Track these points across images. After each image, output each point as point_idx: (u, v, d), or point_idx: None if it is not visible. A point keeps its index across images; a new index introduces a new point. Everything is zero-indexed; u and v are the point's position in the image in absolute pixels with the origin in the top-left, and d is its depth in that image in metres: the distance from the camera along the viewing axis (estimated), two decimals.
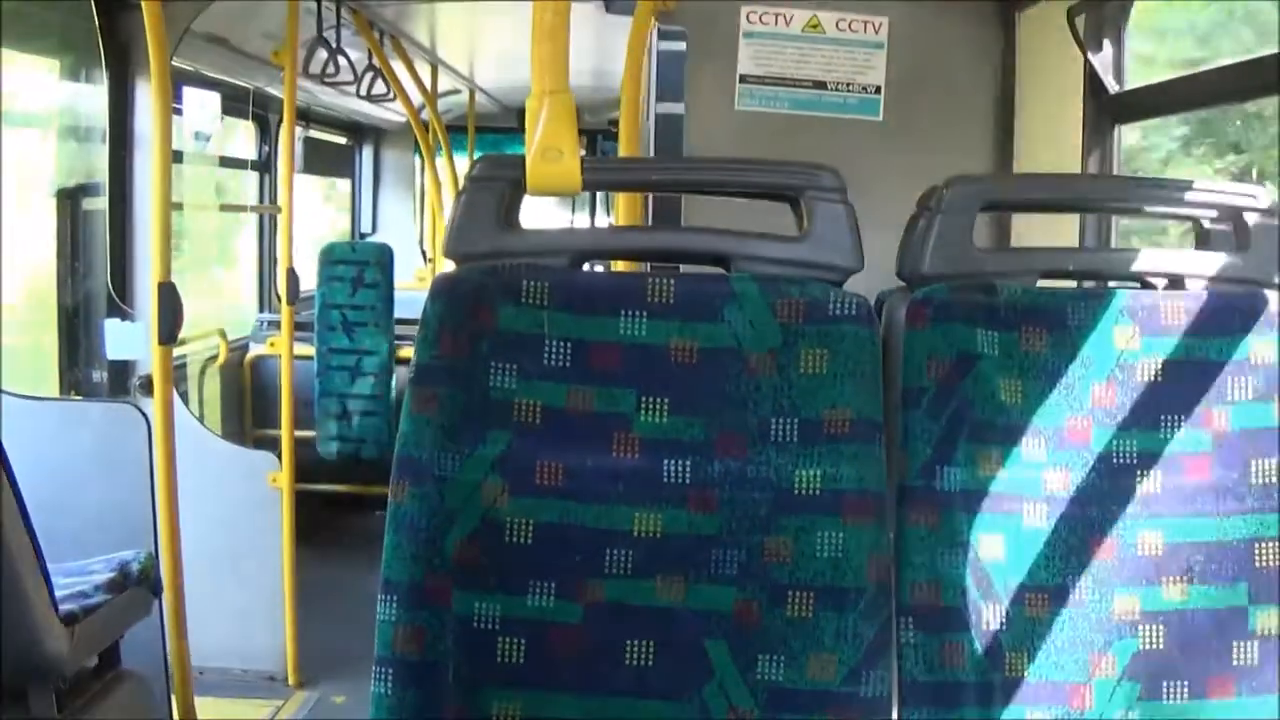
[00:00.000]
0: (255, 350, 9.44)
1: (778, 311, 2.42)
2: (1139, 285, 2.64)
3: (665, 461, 2.41)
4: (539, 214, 13.82)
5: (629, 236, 2.92)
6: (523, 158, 2.47)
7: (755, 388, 2.42)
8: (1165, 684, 2.50)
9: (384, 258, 9.61)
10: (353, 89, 8.56)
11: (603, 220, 14.37)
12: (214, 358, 8.68)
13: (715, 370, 2.42)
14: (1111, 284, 2.74)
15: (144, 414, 5.32)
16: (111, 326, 6.41)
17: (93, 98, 6.67)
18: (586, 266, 2.57)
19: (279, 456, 6.75)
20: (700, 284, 2.45)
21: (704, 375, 2.42)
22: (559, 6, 2.53)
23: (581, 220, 14.64)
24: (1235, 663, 2.51)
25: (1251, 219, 2.60)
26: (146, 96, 6.25)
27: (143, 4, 4.86)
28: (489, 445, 2.39)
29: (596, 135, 14.20)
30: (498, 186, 2.46)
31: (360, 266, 9.50)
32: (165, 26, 4.98)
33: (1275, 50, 3.26)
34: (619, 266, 3.68)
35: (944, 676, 2.44)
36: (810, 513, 2.40)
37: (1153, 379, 2.53)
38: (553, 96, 2.50)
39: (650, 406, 2.42)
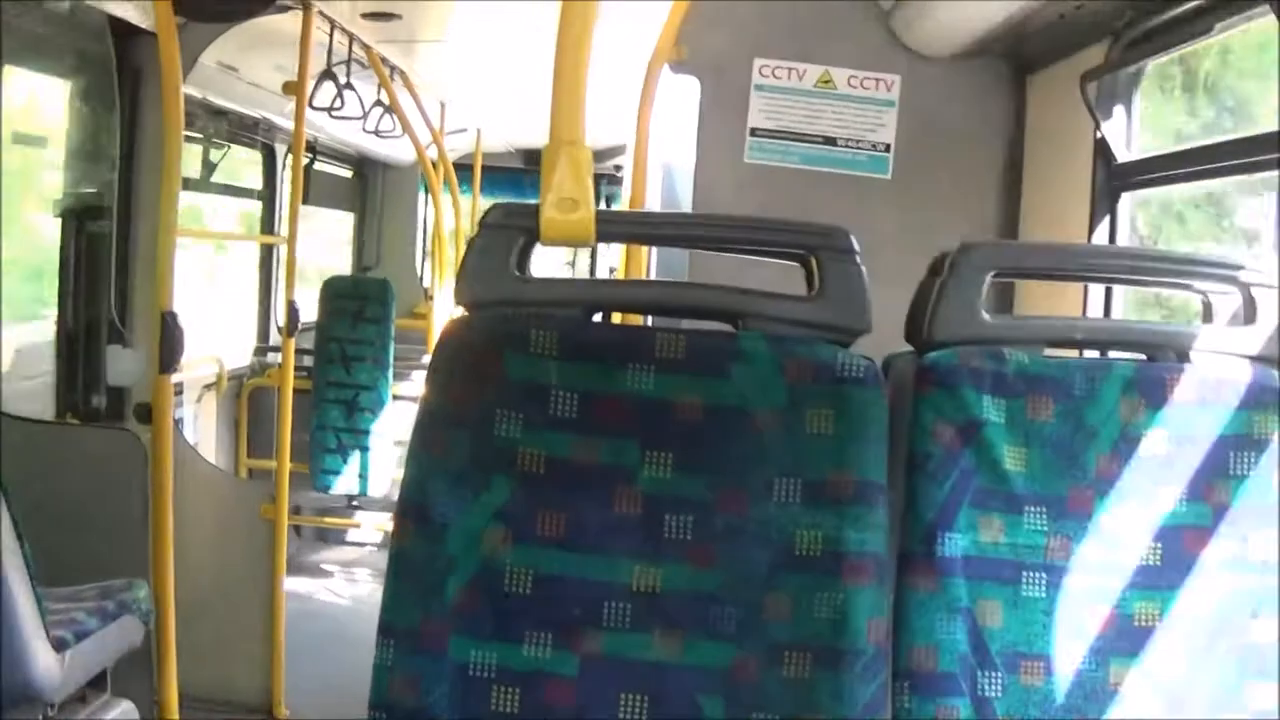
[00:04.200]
0: (253, 381, 9.44)
1: (786, 371, 2.42)
2: (1145, 357, 2.64)
3: (667, 516, 2.41)
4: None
5: (641, 290, 2.92)
6: (537, 207, 2.47)
7: (760, 446, 2.41)
8: None
9: (385, 294, 9.61)
10: (360, 124, 8.56)
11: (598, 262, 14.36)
12: (212, 386, 8.68)
13: (721, 427, 2.41)
14: (1117, 355, 2.75)
15: (140, 441, 5.32)
16: (113, 353, 6.40)
17: (104, 121, 6.67)
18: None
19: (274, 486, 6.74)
20: (709, 340, 2.45)
21: (709, 431, 2.41)
22: (580, 59, 2.54)
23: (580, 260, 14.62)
24: None
25: (1258, 294, 2.61)
26: (156, 122, 6.25)
27: (158, 33, 4.87)
28: (492, 492, 2.39)
29: (600, 179, 14.21)
30: (511, 235, 2.46)
31: (361, 301, 9.50)
32: (179, 54, 5.00)
33: None
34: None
35: None
36: (810, 573, 2.40)
37: (1156, 451, 2.53)
38: (570, 147, 2.50)
39: (654, 460, 2.41)
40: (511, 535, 2.39)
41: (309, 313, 8.76)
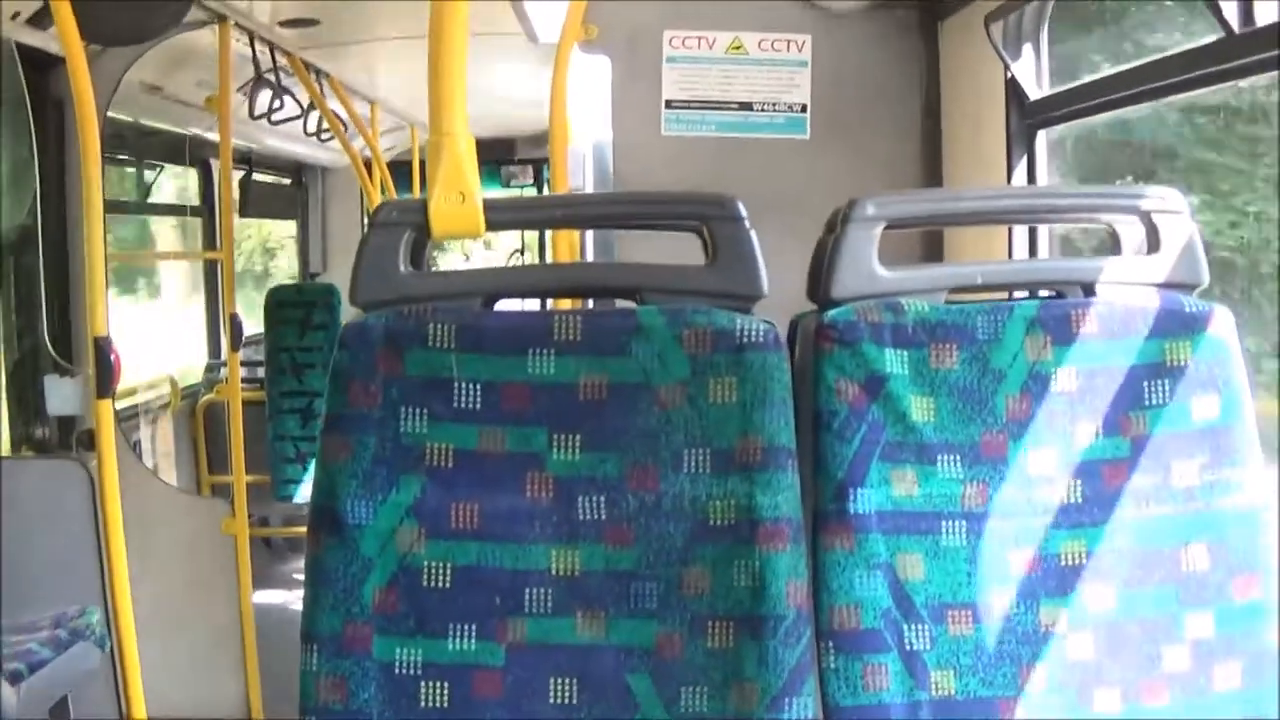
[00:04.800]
0: (207, 397, 9.42)
1: (685, 342, 2.41)
2: (1053, 295, 2.64)
3: (580, 498, 2.41)
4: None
5: (537, 274, 2.92)
6: (425, 202, 2.47)
7: (666, 420, 2.41)
8: (1097, 692, 2.49)
9: (330, 298, 9.60)
10: (297, 130, 8.54)
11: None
12: (166, 405, 8.66)
13: (625, 405, 2.41)
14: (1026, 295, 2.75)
15: (87, 469, 5.30)
16: (51, 382, 6.39)
17: (23, 152, 6.65)
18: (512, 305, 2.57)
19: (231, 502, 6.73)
20: (607, 319, 2.45)
21: (614, 410, 2.41)
22: (454, 47, 2.53)
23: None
24: (1167, 668, 2.50)
25: (1162, 221, 2.60)
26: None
27: (67, 57, 4.85)
28: (403, 491, 2.39)
29: (543, 165, 14.20)
30: (401, 231, 2.45)
31: (307, 308, 9.49)
32: (96, 79, 4.97)
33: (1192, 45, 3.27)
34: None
35: (869, 699, 2.44)
36: (726, 542, 2.40)
37: (1066, 388, 2.52)
38: (450, 139, 2.49)
39: (562, 444, 2.41)
40: (426, 531, 2.39)
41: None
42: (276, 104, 7.57)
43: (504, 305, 2.55)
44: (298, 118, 8.29)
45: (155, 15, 5.38)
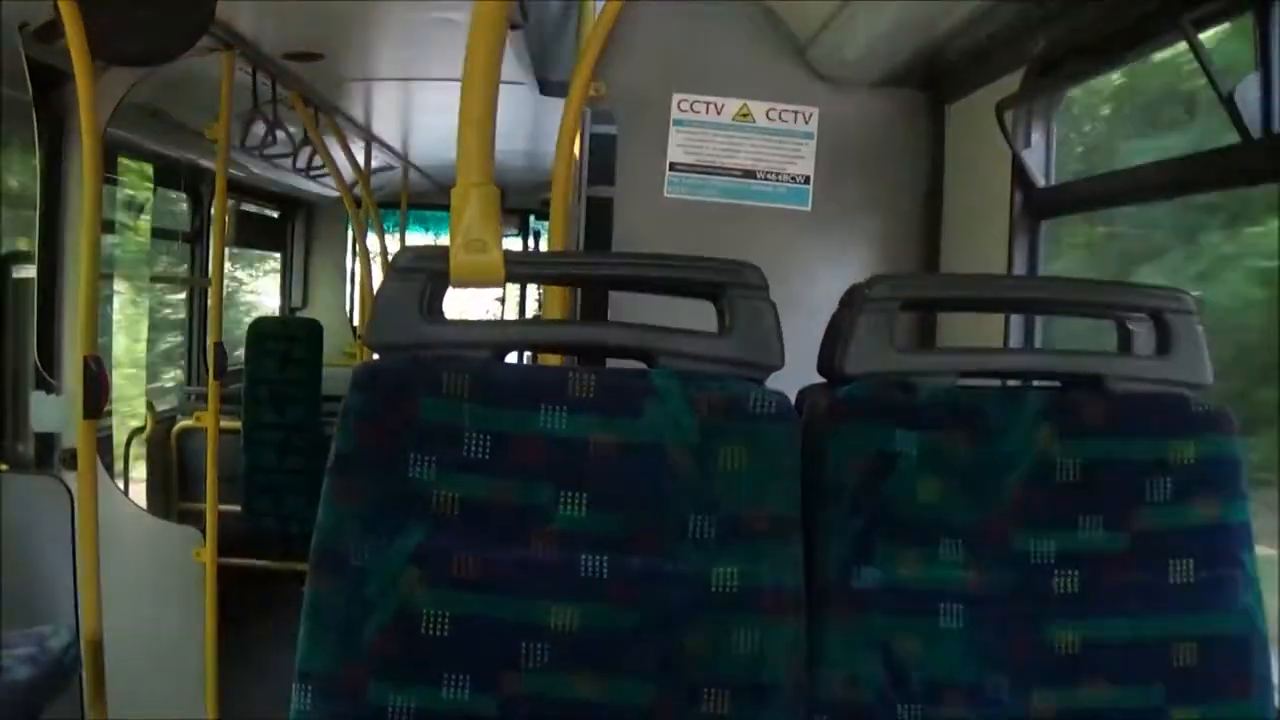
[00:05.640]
0: (183, 423, 9.40)
1: (698, 408, 2.42)
2: (1061, 385, 2.66)
3: (583, 556, 2.40)
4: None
5: (552, 330, 2.91)
6: (446, 249, 2.48)
7: (674, 484, 2.41)
8: None
9: (314, 334, 9.61)
10: (286, 163, 8.56)
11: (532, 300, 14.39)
12: (140, 429, 8.64)
13: (635, 466, 2.41)
14: (1034, 384, 2.77)
15: (67, 487, 5.29)
16: (37, 399, 6.38)
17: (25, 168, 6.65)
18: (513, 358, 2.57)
19: (204, 530, 6.71)
20: (621, 379, 2.45)
21: (623, 471, 2.41)
22: (486, 98, 2.54)
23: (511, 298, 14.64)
24: None
25: (1173, 320, 2.63)
26: (80, 168, 6.23)
27: (76, 75, 4.86)
28: (407, 536, 2.38)
29: (528, 215, 14.25)
30: (421, 278, 2.46)
31: (289, 342, 9.50)
32: (99, 98, 4.97)
33: (1210, 148, 3.29)
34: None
35: None
36: (727, 610, 2.40)
37: (1072, 479, 2.54)
38: (478, 189, 2.51)
39: (569, 501, 2.41)
40: (427, 578, 2.38)
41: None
42: (269, 139, 7.59)
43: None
44: (288, 155, 8.31)
45: (168, 38, 5.38)
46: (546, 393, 2.42)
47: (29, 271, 6.69)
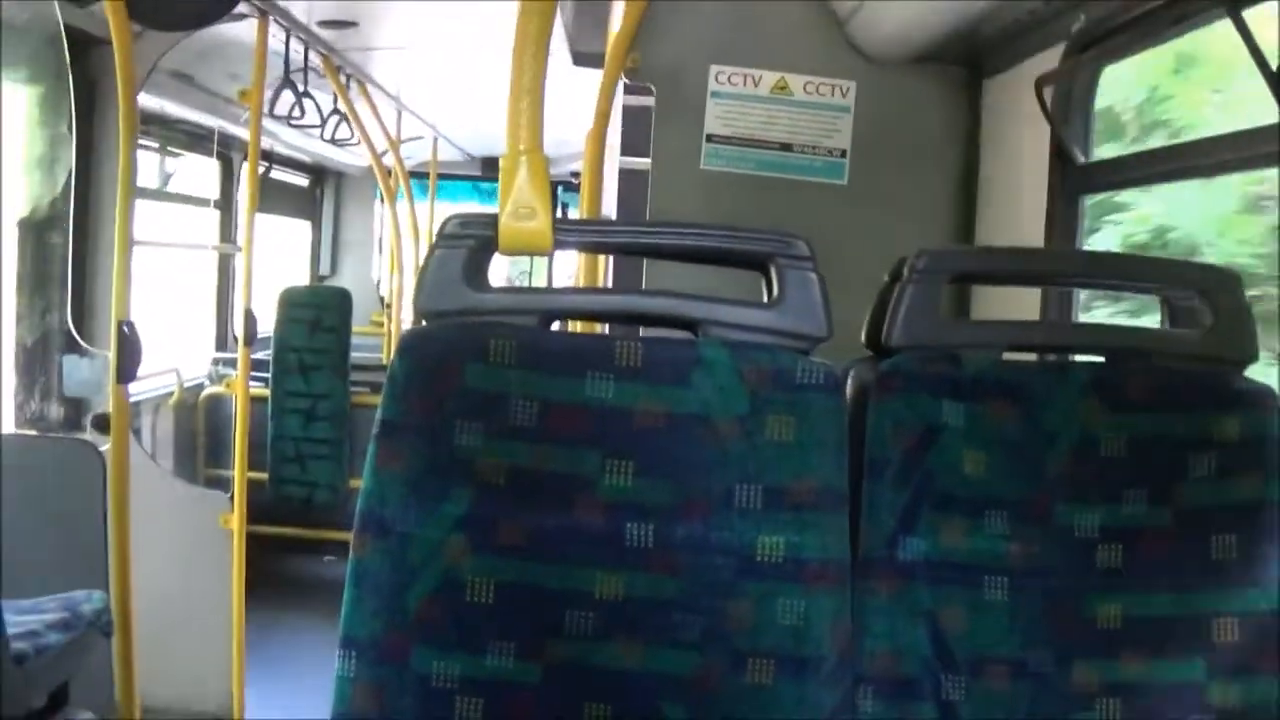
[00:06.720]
0: (210, 390, 9.41)
1: (746, 378, 2.41)
2: (1105, 359, 2.66)
3: (628, 524, 2.39)
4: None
5: (598, 299, 2.90)
6: (494, 217, 2.47)
7: (721, 454, 2.40)
8: None
9: (342, 302, 9.63)
10: (316, 132, 8.56)
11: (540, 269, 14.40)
12: (169, 395, 8.65)
13: (681, 435, 2.41)
14: (1077, 357, 2.76)
15: (99, 452, 5.30)
16: (70, 363, 6.40)
17: (60, 132, 6.65)
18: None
19: (231, 497, 6.72)
20: (669, 348, 2.44)
21: (670, 439, 2.41)
22: (536, 65, 2.54)
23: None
24: None
25: (1219, 297, 2.62)
26: (112, 132, 6.23)
27: (113, 39, 4.86)
28: (452, 503, 2.37)
29: (557, 186, 14.25)
30: (469, 245, 2.45)
31: (318, 310, 9.52)
32: (133, 62, 4.98)
33: (1247, 126, 3.28)
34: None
35: None
36: (772, 580, 2.39)
37: (1115, 454, 2.53)
38: (529, 155, 2.50)
39: (615, 469, 2.40)
40: (472, 545, 2.37)
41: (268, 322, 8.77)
42: (296, 112, 7.60)
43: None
44: (319, 126, 8.31)
45: (205, 2, 5.39)
46: (593, 361, 2.42)
47: (58, 237, 6.70)
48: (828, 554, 2.40)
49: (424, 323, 2.48)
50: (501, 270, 14.00)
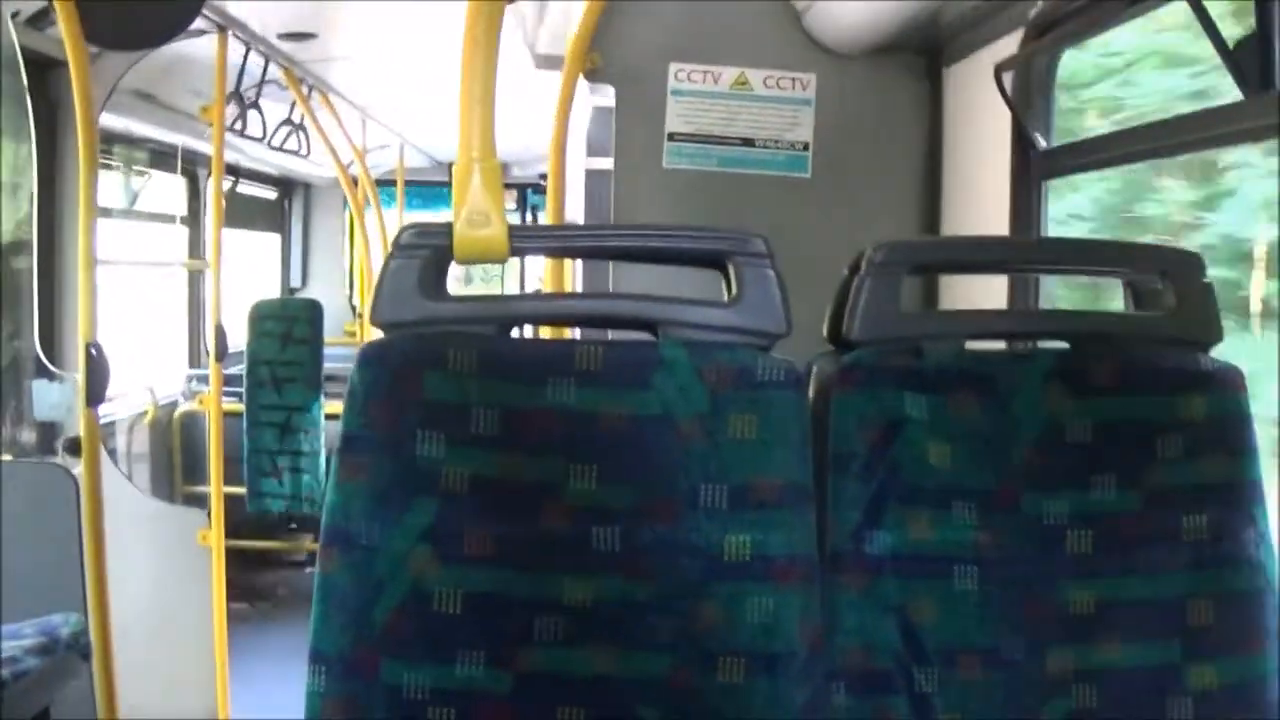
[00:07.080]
0: (184, 407, 9.40)
1: (706, 378, 2.40)
2: (1068, 345, 2.65)
3: (595, 529, 2.38)
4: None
5: (556, 303, 2.90)
6: (449, 226, 2.46)
7: (684, 454, 2.39)
8: None
9: (314, 314, 9.61)
10: (284, 145, 8.57)
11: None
12: (143, 414, 8.64)
13: (645, 437, 2.39)
14: (1041, 344, 2.76)
15: (72, 475, 5.29)
16: (40, 387, 6.38)
17: (20, 155, 6.64)
18: (515, 332, 2.56)
19: (209, 513, 6.71)
20: (629, 351, 2.43)
21: (633, 442, 2.39)
22: (486, 72, 2.52)
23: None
24: (1170, 719, 2.51)
25: (1181, 280, 2.62)
26: (75, 153, 6.23)
27: (70, 60, 4.84)
28: (416, 514, 2.36)
29: (526, 189, 14.26)
30: (424, 254, 2.44)
31: (289, 322, 9.49)
32: (93, 83, 4.96)
33: (1206, 106, 3.28)
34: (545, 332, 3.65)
35: None
36: (740, 579, 2.38)
37: (1082, 440, 2.53)
38: (481, 164, 2.49)
39: (579, 474, 2.39)
40: (438, 556, 2.36)
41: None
42: (239, 125, 7.59)
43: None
44: (261, 140, 8.31)
45: (162, 20, 5.37)
46: (554, 366, 2.40)
47: (24, 262, 6.68)
48: (794, 550, 2.39)
49: (382, 334, 2.47)
50: (476, 274, 14.00)
